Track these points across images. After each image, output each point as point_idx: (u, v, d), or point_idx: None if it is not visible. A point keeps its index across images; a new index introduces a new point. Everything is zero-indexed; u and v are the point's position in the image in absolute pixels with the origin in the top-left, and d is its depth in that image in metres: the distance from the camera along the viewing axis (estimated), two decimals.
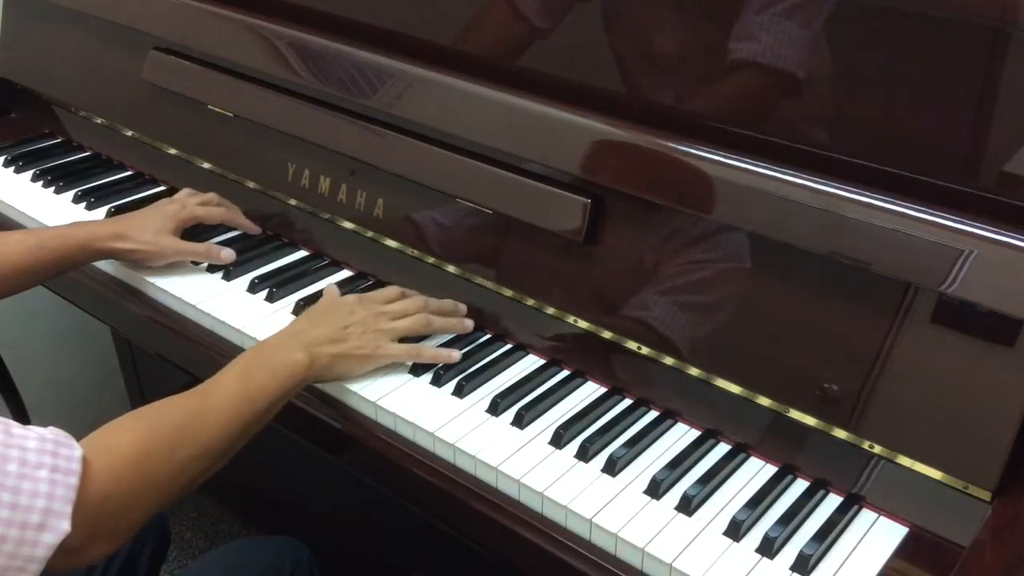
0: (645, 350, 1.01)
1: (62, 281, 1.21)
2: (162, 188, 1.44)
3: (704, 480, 0.92)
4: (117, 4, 1.44)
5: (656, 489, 0.91)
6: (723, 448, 0.98)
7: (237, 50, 1.31)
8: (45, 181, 1.44)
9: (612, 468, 0.93)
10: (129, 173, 1.49)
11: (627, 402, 1.03)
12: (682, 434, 0.99)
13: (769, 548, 0.85)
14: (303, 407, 1.05)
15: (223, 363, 0.97)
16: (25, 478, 0.72)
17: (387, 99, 1.17)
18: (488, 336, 1.12)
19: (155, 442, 0.85)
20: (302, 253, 1.29)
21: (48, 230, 1.20)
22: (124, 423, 0.86)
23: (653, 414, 1.01)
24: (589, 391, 1.04)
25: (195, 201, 1.26)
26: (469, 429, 0.98)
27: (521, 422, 0.99)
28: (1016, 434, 0.82)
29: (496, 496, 0.93)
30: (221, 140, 1.36)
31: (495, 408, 1.01)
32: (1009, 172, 0.84)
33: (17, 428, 0.74)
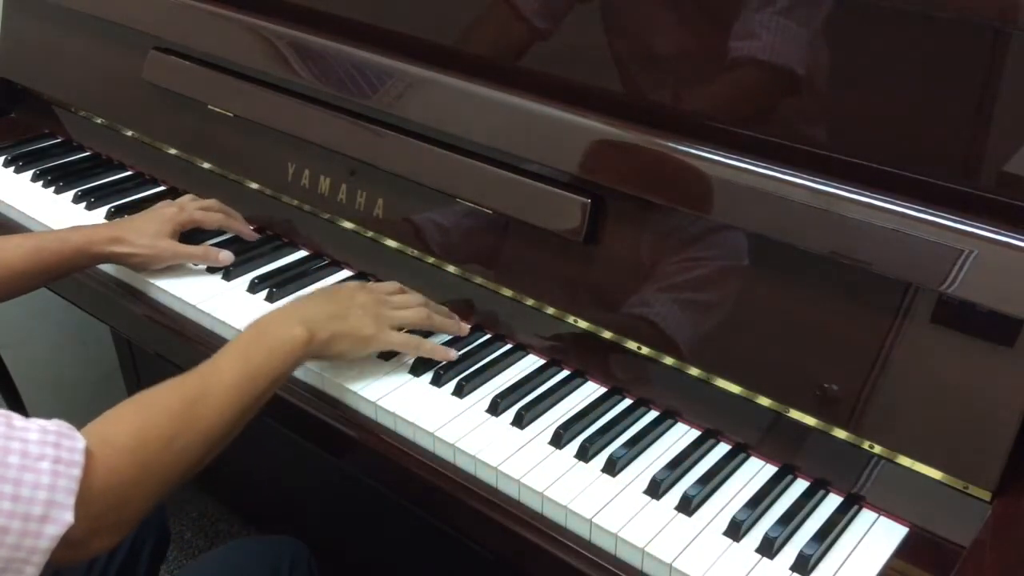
0: (645, 350, 1.01)
1: (63, 281, 1.21)
2: (162, 188, 1.44)
3: (704, 480, 0.92)
4: (117, 4, 1.44)
5: (656, 489, 0.91)
6: (723, 448, 0.98)
7: (237, 50, 1.31)
8: (45, 181, 1.44)
9: (612, 468, 0.93)
10: (129, 173, 1.49)
11: (627, 402, 1.03)
12: (682, 434, 0.99)
13: (769, 548, 0.85)
14: (303, 407, 1.05)
15: None
16: (27, 470, 0.71)
17: (387, 99, 1.17)
18: (488, 336, 1.12)
19: (153, 431, 0.83)
20: (302, 253, 1.29)
21: (46, 234, 1.20)
22: (120, 413, 0.85)
23: (653, 414, 1.01)
24: (589, 391, 1.04)
25: (195, 206, 1.26)
26: (469, 429, 0.98)
27: (521, 422, 0.99)
28: (1016, 434, 0.82)
29: (496, 496, 0.93)
30: (221, 140, 1.36)
31: (495, 408, 1.01)
32: (1009, 172, 0.84)
33: (19, 420, 0.74)
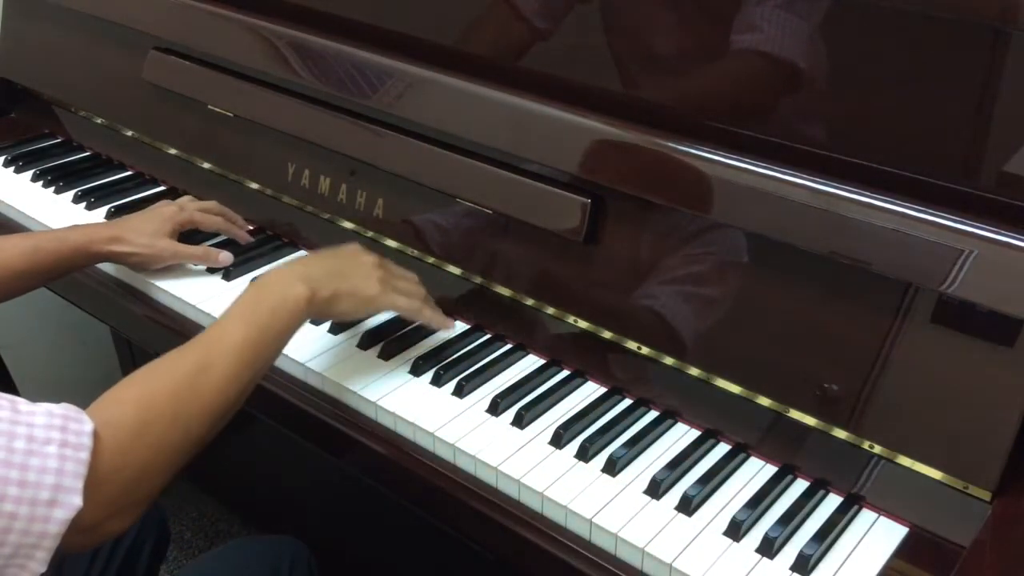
0: (645, 350, 1.01)
1: (62, 281, 1.21)
2: (162, 188, 1.44)
3: (704, 480, 0.92)
4: (117, 4, 1.44)
5: (656, 489, 0.91)
6: (723, 448, 0.98)
7: (237, 50, 1.31)
8: (45, 181, 1.44)
9: (612, 468, 0.93)
10: (129, 173, 1.49)
11: (627, 402, 1.03)
12: (682, 434, 0.99)
13: (769, 548, 0.85)
14: (303, 407, 1.05)
15: None
16: (33, 454, 0.71)
17: (387, 99, 1.17)
18: (488, 336, 1.12)
19: (156, 409, 0.82)
20: (302, 253, 1.29)
21: (45, 233, 1.20)
22: (121, 393, 0.83)
23: (653, 414, 1.01)
24: (589, 391, 1.04)
25: (195, 206, 1.26)
26: (469, 429, 0.98)
27: (521, 422, 0.99)
28: (1016, 434, 0.82)
29: (496, 496, 0.93)
30: (221, 140, 1.36)
31: (495, 408, 1.01)
32: (1009, 172, 0.84)
33: (24, 405, 0.74)
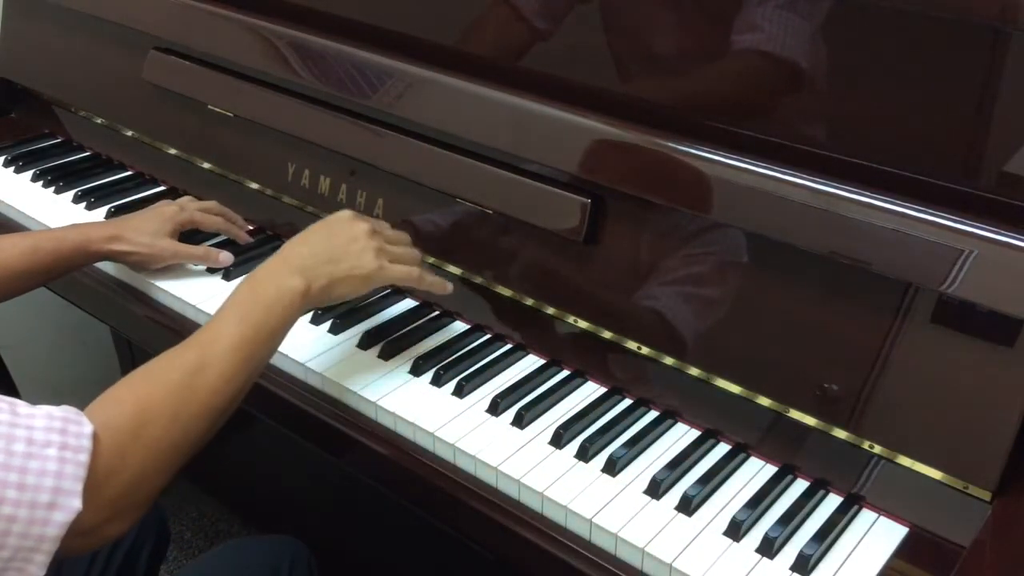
0: (645, 350, 1.01)
1: (62, 281, 1.21)
2: (162, 188, 1.44)
3: (704, 480, 0.92)
4: (117, 4, 1.44)
5: (656, 489, 0.91)
6: (723, 448, 0.97)
7: (237, 50, 1.31)
8: (45, 181, 1.44)
9: (612, 468, 0.93)
10: (129, 173, 1.49)
11: (627, 402, 1.03)
12: (682, 434, 0.99)
13: (769, 548, 0.85)
14: (303, 407, 1.05)
15: None
16: (32, 457, 0.71)
17: (387, 99, 1.17)
18: (488, 336, 1.12)
19: (154, 410, 0.81)
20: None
21: (44, 232, 1.20)
22: (118, 395, 0.82)
23: (653, 414, 1.01)
24: (589, 391, 1.04)
25: (195, 206, 1.25)
26: (469, 429, 0.98)
27: (521, 422, 0.99)
28: (1016, 434, 0.82)
29: (496, 496, 0.93)
30: (221, 140, 1.36)
31: (495, 408, 1.00)
32: (1009, 172, 0.84)
33: (24, 407, 0.73)
